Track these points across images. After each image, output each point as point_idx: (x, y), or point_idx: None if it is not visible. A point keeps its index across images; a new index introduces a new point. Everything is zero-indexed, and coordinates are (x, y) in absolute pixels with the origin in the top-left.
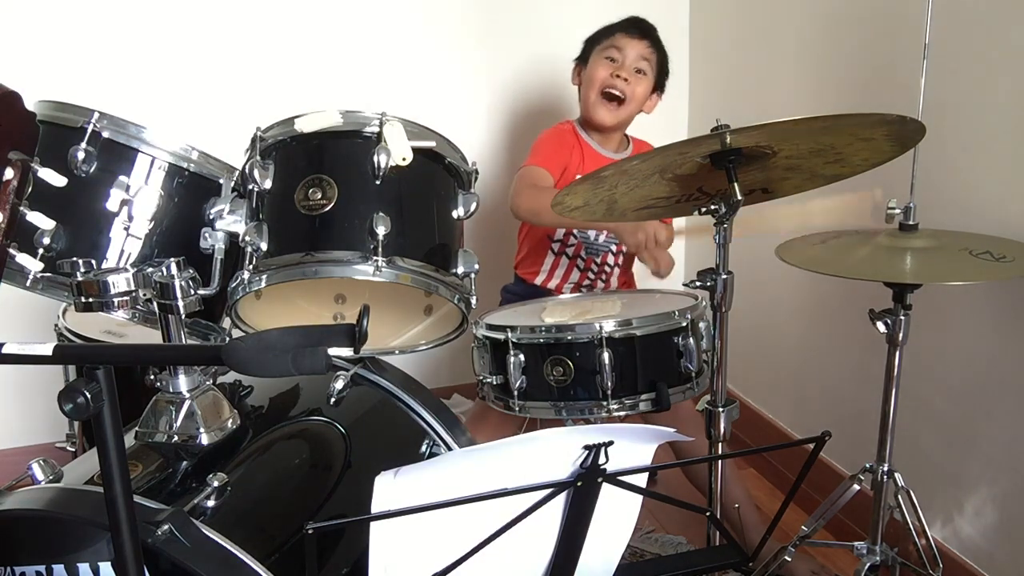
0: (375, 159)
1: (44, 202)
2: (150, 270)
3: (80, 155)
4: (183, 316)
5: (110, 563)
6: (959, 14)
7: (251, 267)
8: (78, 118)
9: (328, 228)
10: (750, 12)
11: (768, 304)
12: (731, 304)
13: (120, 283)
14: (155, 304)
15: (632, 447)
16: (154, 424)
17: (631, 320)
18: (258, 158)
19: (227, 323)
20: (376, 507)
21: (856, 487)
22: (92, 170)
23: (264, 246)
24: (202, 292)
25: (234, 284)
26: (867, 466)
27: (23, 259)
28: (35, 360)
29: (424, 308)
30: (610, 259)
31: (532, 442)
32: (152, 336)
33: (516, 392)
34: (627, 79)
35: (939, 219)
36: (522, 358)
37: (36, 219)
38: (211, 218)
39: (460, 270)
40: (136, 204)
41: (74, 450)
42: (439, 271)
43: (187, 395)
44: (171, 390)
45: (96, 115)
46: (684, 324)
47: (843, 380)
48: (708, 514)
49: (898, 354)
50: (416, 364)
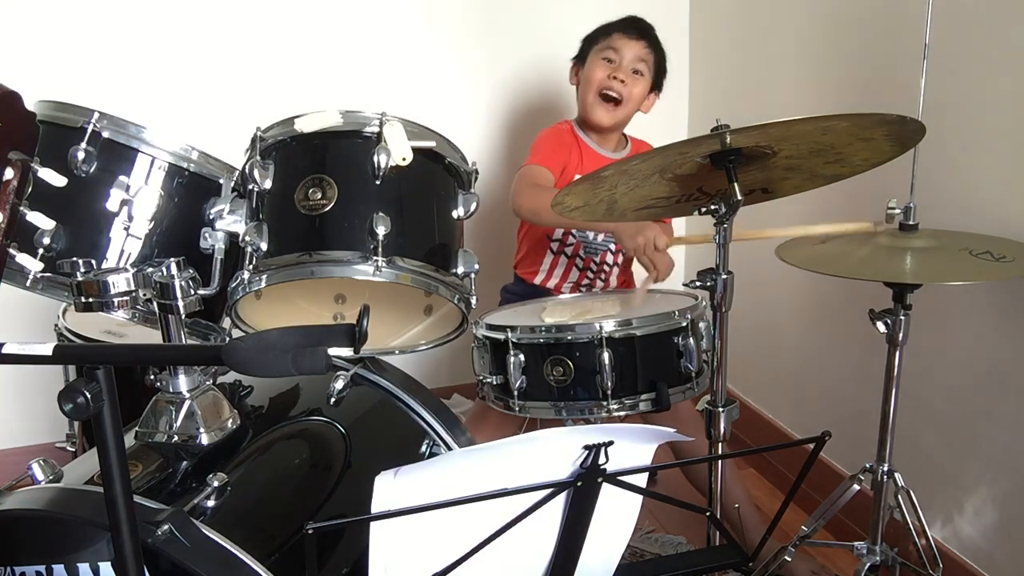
0: (375, 159)
1: (44, 202)
2: (150, 270)
3: (80, 155)
4: (183, 316)
5: (110, 563)
6: (959, 14)
7: (251, 267)
8: (78, 118)
9: (328, 228)
10: (750, 12)
11: (768, 304)
12: (731, 304)
13: (120, 283)
14: (155, 304)
15: (632, 447)
16: (154, 424)
17: (631, 320)
18: (258, 158)
19: (227, 323)
20: (376, 507)
21: (856, 487)
22: (92, 170)
23: (264, 246)
24: (202, 292)
25: (234, 284)
26: (867, 466)
27: (23, 259)
28: (35, 360)
29: (424, 308)
30: (609, 258)
31: (532, 442)
32: (152, 336)
33: (516, 392)
34: (624, 81)
35: (939, 219)
36: (522, 358)
37: (36, 219)
38: (211, 218)
39: (460, 270)
40: (136, 204)
41: (74, 450)
42: (439, 271)
43: (187, 395)
44: (171, 390)
45: (96, 115)
46: (684, 324)
47: (843, 380)
48: (708, 514)
49: (898, 354)
50: (416, 364)
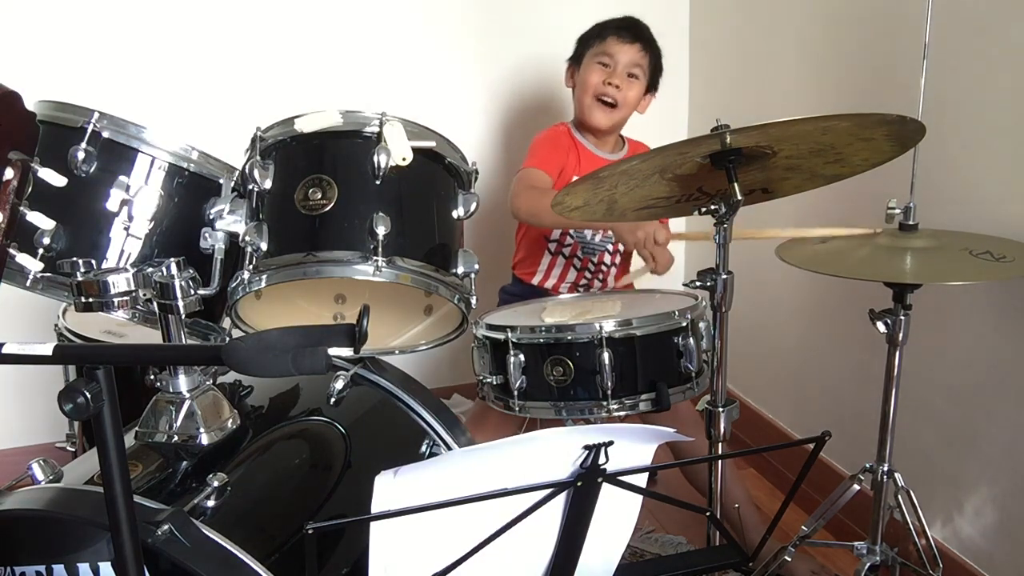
0: (375, 159)
1: (44, 202)
2: (150, 270)
3: (80, 155)
4: (183, 316)
5: (110, 563)
6: (959, 14)
7: (251, 267)
8: (78, 118)
9: (328, 228)
10: (750, 12)
11: (768, 304)
12: (731, 304)
13: (120, 283)
14: (155, 304)
15: (632, 447)
16: (154, 424)
17: (631, 320)
18: (258, 158)
19: (227, 323)
20: (376, 507)
21: (856, 487)
22: (92, 170)
23: (264, 246)
24: (202, 292)
25: (234, 284)
26: (867, 466)
27: (23, 259)
28: (35, 360)
29: (424, 308)
30: (607, 258)
31: (532, 442)
32: (152, 336)
33: (516, 392)
34: (619, 86)
35: (939, 219)
36: (522, 358)
37: (36, 219)
38: (211, 218)
39: (460, 270)
40: (136, 204)
41: (74, 450)
42: (439, 271)
43: (187, 395)
44: (171, 390)
45: (96, 115)
46: (684, 324)
47: (843, 380)
48: (708, 514)
49: (898, 354)
50: (416, 364)
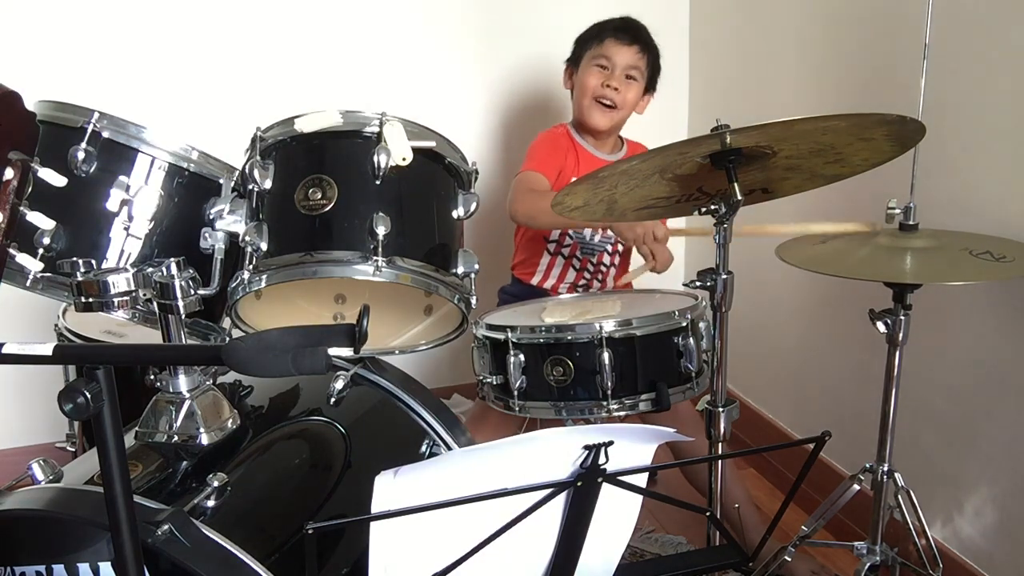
0: (375, 159)
1: (44, 202)
2: (150, 270)
3: (80, 155)
4: (183, 316)
5: (110, 563)
6: (959, 14)
7: (251, 267)
8: (78, 118)
9: (328, 228)
10: (750, 12)
11: (768, 304)
12: (731, 304)
13: (120, 283)
14: (155, 304)
15: (632, 447)
16: (154, 424)
17: (631, 320)
18: (258, 158)
19: (227, 323)
20: (376, 507)
21: (856, 487)
22: (92, 170)
23: (264, 246)
24: (202, 292)
25: (234, 284)
26: (867, 466)
27: (23, 259)
28: (35, 360)
29: (424, 308)
30: (606, 259)
31: (532, 442)
32: (152, 336)
33: (516, 392)
34: (618, 88)
35: (939, 219)
36: (522, 358)
37: (36, 219)
38: (211, 218)
39: (460, 270)
40: (136, 204)
41: (74, 450)
42: (439, 271)
43: (187, 395)
44: (171, 390)
45: (96, 115)
46: (684, 324)
47: (843, 380)
48: (708, 514)
49: (898, 354)
50: (416, 364)
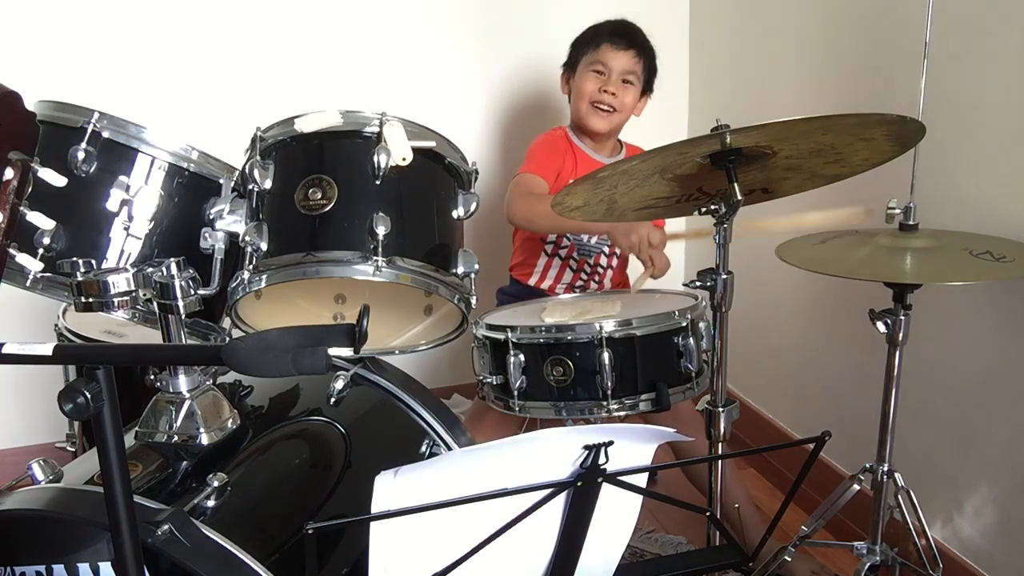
0: (375, 159)
1: (44, 202)
2: (150, 270)
3: (80, 155)
4: (183, 316)
5: (110, 563)
6: (959, 14)
7: (251, 267)
8: (78, 118)
9: (328, 228)
10: (750, 12)
11: (768, 304)
12: (731, 304)
13: (120, 283)
14: (155, 304)
15: (632, 447)
16: (154, 424)
17: (631, 320)
18: (258, 158)
19: (227, 323)
20: (376, 507)
21: (856, 487)
22: (92, 170)
23: (264, 246)
24: (202, 292)
25: (234, 284)
26: (867, 466)
27: (23, 259)
28: (35, 360)
29: (424, 308)
30: (603, 260)
31: (532, 442)
32: (152, 336)
33: (516, 392)
34: (615, 93)
35: (939, 219)
36: (522, 358)
37: (36, 219)
38: (211, 218)
39: (460, 270)
40: (136, 204)
41: (74, 450)
42: (439, 271)
43: (187, 395)
44: (171, 390)
45: (96, 115)
46: (684, 324)
47: (843, 380)
48: (708, 514)
49: (898, 354)
50: (416, 364)
